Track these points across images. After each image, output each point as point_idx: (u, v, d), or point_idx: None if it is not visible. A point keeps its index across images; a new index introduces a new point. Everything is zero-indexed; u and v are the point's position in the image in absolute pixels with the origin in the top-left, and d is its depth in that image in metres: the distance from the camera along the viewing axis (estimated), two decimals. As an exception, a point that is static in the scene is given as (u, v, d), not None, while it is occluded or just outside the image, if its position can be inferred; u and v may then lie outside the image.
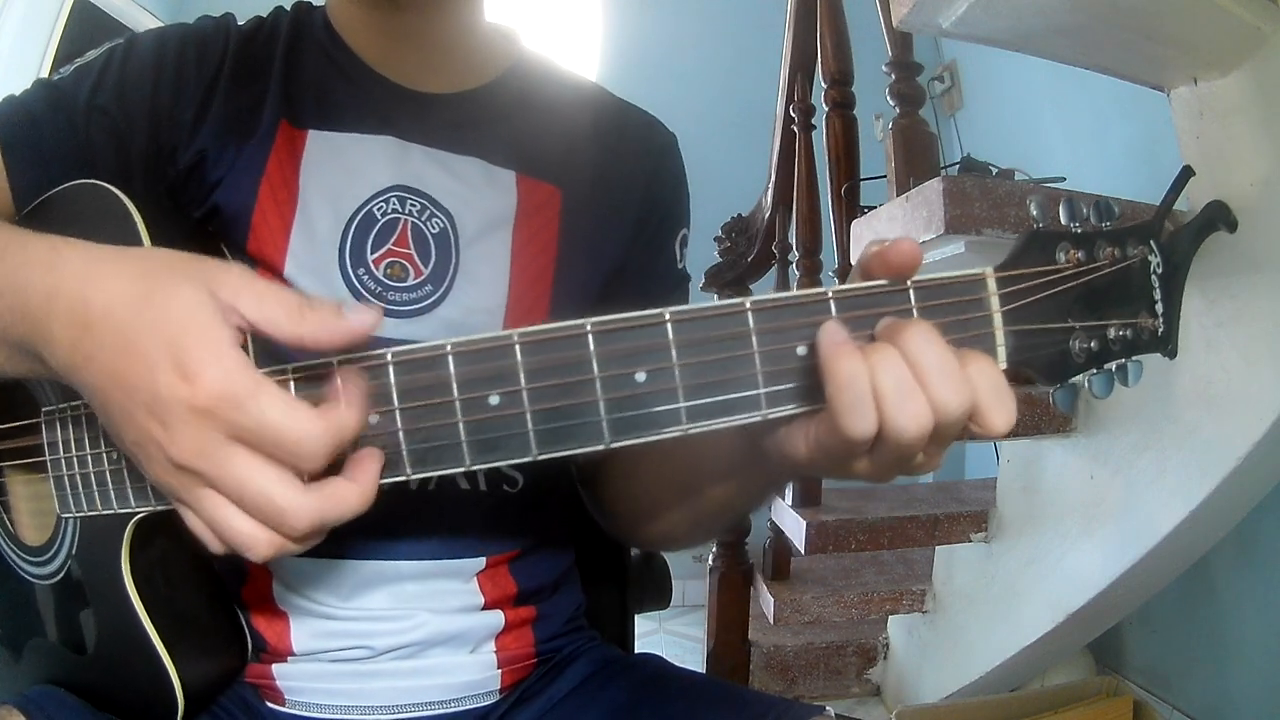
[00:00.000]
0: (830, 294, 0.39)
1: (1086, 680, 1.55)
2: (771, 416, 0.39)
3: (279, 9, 0.67)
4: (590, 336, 0.38)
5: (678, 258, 0.71)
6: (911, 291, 0.39)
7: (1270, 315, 0.98)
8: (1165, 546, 1.16)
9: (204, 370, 0.36)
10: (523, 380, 0.38)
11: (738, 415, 0.39)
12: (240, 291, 0.38)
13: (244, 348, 0.39)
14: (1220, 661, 1.50)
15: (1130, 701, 1.46)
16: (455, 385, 0.38)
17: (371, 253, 0.60)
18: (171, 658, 0.52)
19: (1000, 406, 0.37)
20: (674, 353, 0.38)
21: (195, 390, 0.36)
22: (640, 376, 0.38)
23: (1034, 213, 0.42)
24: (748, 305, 0.38)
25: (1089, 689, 1.49)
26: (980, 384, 0.37)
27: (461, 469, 0.39)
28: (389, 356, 0.39)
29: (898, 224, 1.17)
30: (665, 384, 0.38)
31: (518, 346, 0.38)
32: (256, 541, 0.38)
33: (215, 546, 0.39)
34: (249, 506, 0.37)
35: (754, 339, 0.38)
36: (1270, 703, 1.39)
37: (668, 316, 0.38)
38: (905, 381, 0.36)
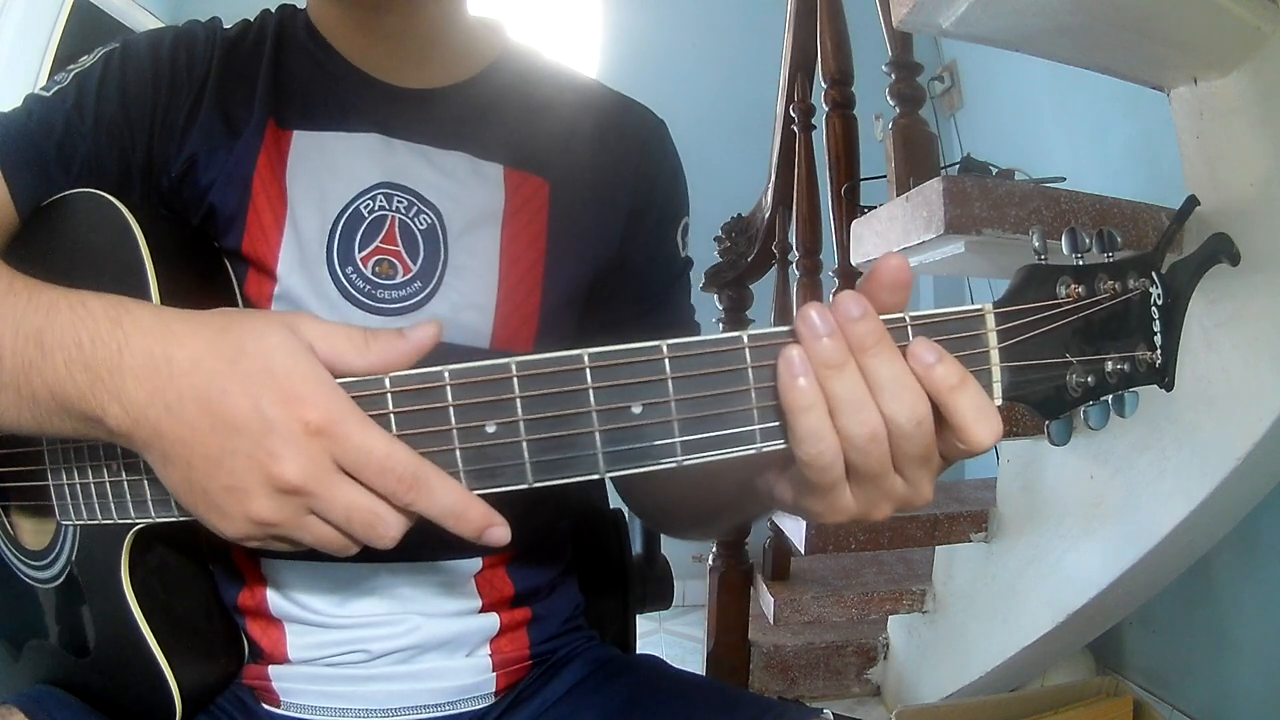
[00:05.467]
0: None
1: (1086, 680, 1.55)
2: (766, 450, 0.39)
3: (265, 12, 0.67)
4: (588, 369, 0.38)
5: (681, 247, 0.71)
6: (909, 327, 0.39)
7: (1270, 315, 0.98)
8: (1165, 546, 1.16)
9: (313, 395, 0.38)
10: (520, 410, 0.39)
11: (733, 449, 0.39)
12: (311, 331, 0.41)
13: None
14: (1220, 661, 1.50)
15: (1130, 701, 1.45)
16: (453, 413, 0.39)
17: (359, 251, 0.60)
18: (169, 662, 0.52)
19: (982, 418, 0.38)
20: (670, 386, 0.38)
21: (307, 411, 0.38)
22: (637, 409, 0.38)
23: (1035, 244, 0.42)
24: (745, 340, 0.39)
25: (1089, 689, 1.48)
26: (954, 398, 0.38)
27: None
28: (387, 383, 0.40)
29: (898, 224, 1.17)
30: (661, 417, 0.39)
31: (515, 377, 0.38)
32: (348, 550, 0.42)
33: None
34: (354, 523, 0.39)
35: (750, 374, 0.39)
36: (1270, 703, 1.39)
37: (665, 351, 0.38)
38: (857, 395, 0.37)
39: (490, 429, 0.39)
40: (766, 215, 2.01)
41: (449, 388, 0.39)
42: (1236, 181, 0.99)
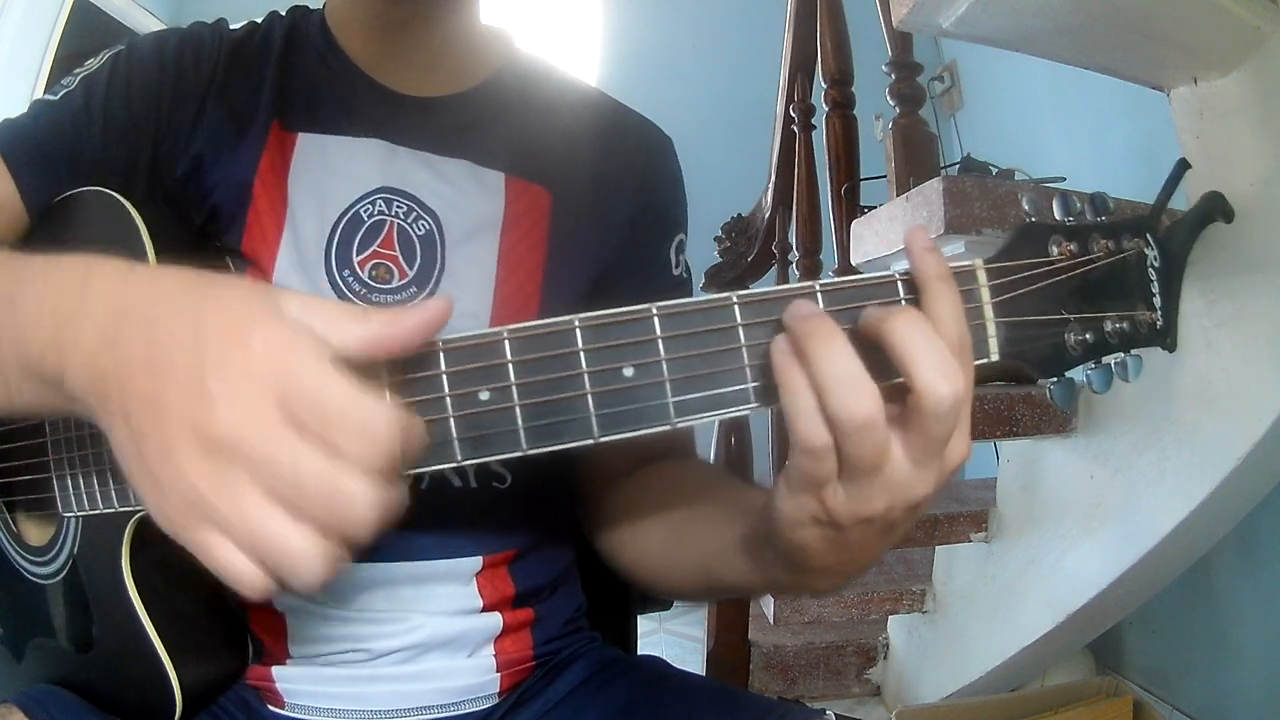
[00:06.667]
0: (817, 287, 0.39)
1: (1086, 680, 1.55)
2: (762, 410, 0.39)
3: (274, 13, 0.67)
4: (578, 331, 0.38)
5: (673, 263, 0.70)
6: (899, 283, 0.39)
7: (1270, 315, 0.98)
8: (1165, 546, 1.16)
9: (262, 330, 0.32)
10: (512, 376, 0.38)
11: (726, 409, 0.39)
12: (294, 301, 0.35)
13: None
14: (1220, 661, 1.50)
15: (1130, 701, 1.45)
16: (446, 381, 0.39)
17: (357, 254, 0.60)
18: (170, 657, 0.52)
19: (931, 364, 0.35)
20: (661, 347, 0.38)
21: (250, 348, 0.31)
22: (628, 371, 0.38)
23: (1026, 207, 0.42)
24: (735, 299, 0.39)
25: (1089, 689, 1.48)
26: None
27: (453, 465, 0.39)
28: None
29: (898, 224, 1.17)
30: (653, 378, 0.38)
31: (507, 342, 0.38)
32: (309, 555, 0.31)
33: (252, 578, 0.32)
34: (307, 496, 0.31)
35: (741, 333, 0.38)
36: (1270, 703, 1.39)
37: (655, 311, 0.38)
38: (848, 373, 0.35)
39: (484, 396, 0.38)
40: (766, 215, 2.01)
41: (441, 355, 0.39)
42: (1236, 181, 0.99)
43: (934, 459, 0.37)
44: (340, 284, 0.60)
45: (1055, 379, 0.42)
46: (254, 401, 0.31)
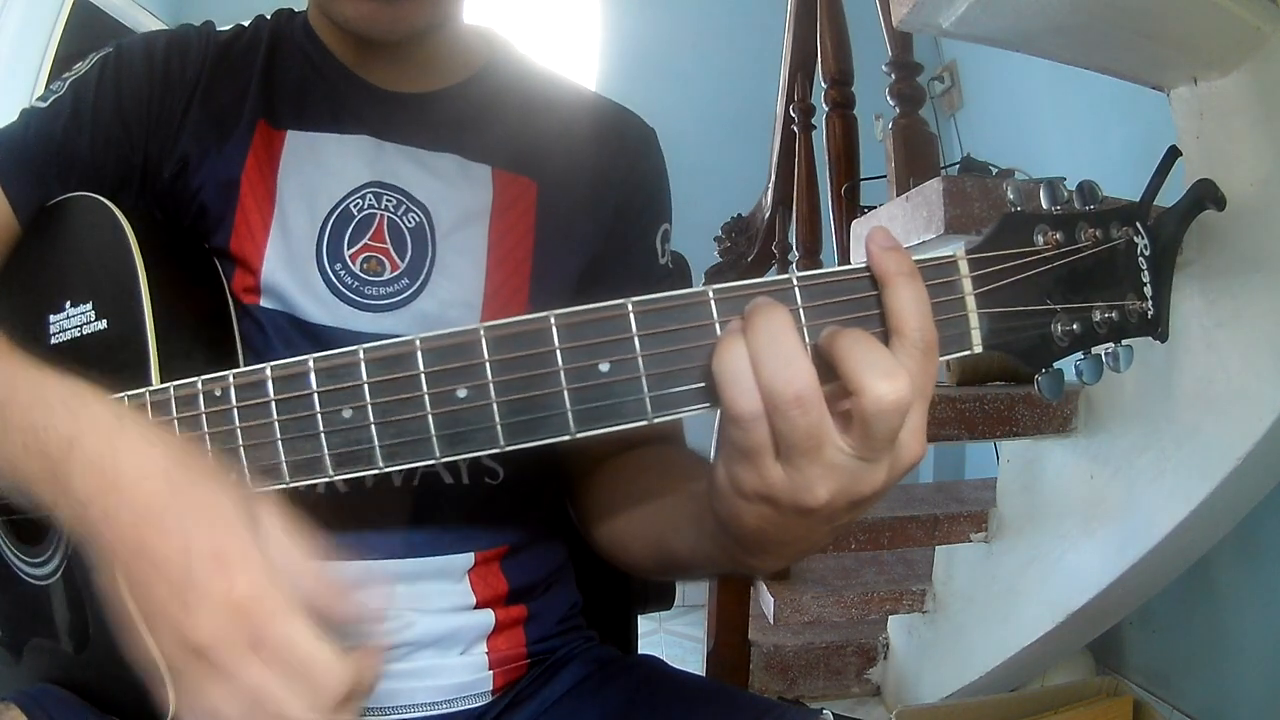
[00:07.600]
0: (795, 280, 0.38)
1: (1086, 680, 1.55)
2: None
3: (259, 17, 0.68)
4: (554, 329, 0.38)
5: (659, 253, 0.71)
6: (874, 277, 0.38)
7: (1270, 315, 0.98)
8: (1165, 546, 1.16)
9: (244, 568, 0.36)
10: (489, 373, 0.39)
11: (702, 405, 0.38)
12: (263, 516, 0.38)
13: None
14: (1220, 661, 1.50)
15: (1130, 701, 1.45)
16: (424, 379, 0.39)
17: (348, 248, 0.61)
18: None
19: (874, 371, 0.34)
20: (637, 343, 0.38)
21: (233, 584, 0.35)
22: (604, 367, 0.38)
23: (1011, 197, 0.41)
24: (711, 294, 0.38)
25: (1089, 689, 1.49)
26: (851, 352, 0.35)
27: (432, 461, 0.40)
28: (361, 354, 0.40)
29: (898, 224, 1.17)
30: (629, 374, 0.38)
31: (484, 340, 0.38)
32: None
33: None
34: (261, 713, 0.35)
35: (718, 328, 0.38)
36: (1270, 703, 1.39)
37: (630, 307, 0.38)
38: (784, 346, 0.35)
39: (461, 394, 0.39)
40: (766, 215, 2.01)
41: (419, 355, 0.39)
42: (1236, 181, 0.98)
43: (880, 455, 0.36)
44: (332, 277, 0.60)
45: (1043, 370, 0.41)
46: (229, 630, 0.35)
